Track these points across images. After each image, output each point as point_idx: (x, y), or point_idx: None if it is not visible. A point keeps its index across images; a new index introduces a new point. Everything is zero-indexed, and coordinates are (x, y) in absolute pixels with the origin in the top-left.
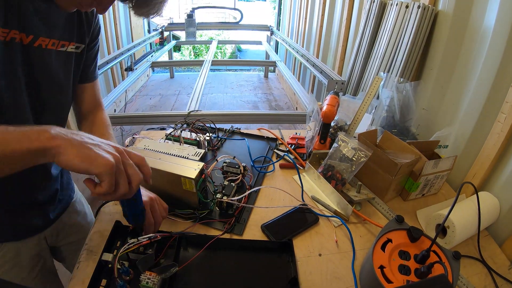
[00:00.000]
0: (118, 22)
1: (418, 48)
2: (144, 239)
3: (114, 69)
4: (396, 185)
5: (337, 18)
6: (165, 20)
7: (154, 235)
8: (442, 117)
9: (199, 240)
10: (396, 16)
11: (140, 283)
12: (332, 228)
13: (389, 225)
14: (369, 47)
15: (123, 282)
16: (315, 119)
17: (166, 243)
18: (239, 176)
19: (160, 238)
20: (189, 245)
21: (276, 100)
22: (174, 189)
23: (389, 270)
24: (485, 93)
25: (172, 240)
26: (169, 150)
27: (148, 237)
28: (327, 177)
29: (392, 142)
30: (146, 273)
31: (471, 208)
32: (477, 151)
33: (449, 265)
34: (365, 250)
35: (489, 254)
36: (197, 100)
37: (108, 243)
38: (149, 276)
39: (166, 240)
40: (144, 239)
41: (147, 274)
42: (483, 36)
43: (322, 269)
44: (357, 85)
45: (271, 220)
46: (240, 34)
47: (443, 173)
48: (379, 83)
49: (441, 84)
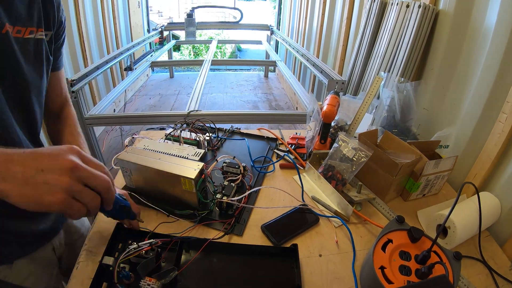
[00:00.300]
0: (117, 22)
1: (419, 48)
2: (145, 245)
3: (113, 69)
4: (397, 185)
5: (337, 18)
6: (165, 20)
7: (155, 241)
8: (443, 117)
9: (201, 244)
10: (397, 16)
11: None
12: (332, 229)
13: (390, 226)
14: (369, 46)
15: (123, 286)
16: (316, 119)
17: (167, 247)
18: (239, 176)
19: (161, 244)
20: (191, 248)
21: (276, 100)
22: (174, 190)
23: (390, 271)
24: (486, 93)
25: (172, 244)
26: (169, 150)
27: (149, 243)
28: (327, 177)
29: (393, 142)
30: (146, 279)
31: (472, 209)
32: (478, 151)
33: (450, 266)
34: (366, 250)
35: (490, 254)
36: (197, 100)
37: (109, 246)
38: (149, 282)
39: (167, 244)
40: (145, 245)
41: (146, 280)
42: (484, 36)
43: (322, 269)
44: (358, 85)
45: (271, 220)
46: (240, 33)
47: (444, 173)
48: (379, 83)
49: (442, 84)
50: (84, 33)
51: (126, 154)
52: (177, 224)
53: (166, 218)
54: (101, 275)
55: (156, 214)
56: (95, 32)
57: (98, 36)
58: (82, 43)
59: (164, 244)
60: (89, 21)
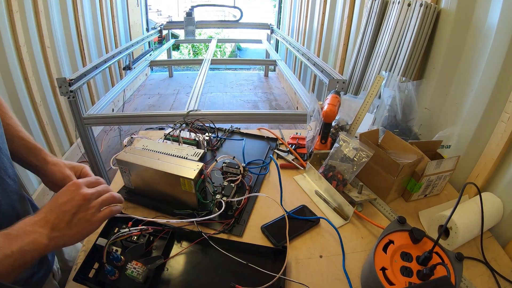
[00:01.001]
0: (116, 21)
1: (421, 47)
2: (136, 230)
3: (112, 68)
4: (398, 185)
5: (338, 16)
6: (164, 19)
7: (145, 228)
8: (444, 116)
9: (193, 236)
10: (398, 14)
11: (126, 271)
12: (333, 230)
13: (391, 226)
14: (370, 45)
15: (111, 267)
16: (316, 118)
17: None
18: (239, 177)
19: (152, 231)
20: (183, 240)
21: (276, 100)
22: (173, 190)
23: (391, 272)
24: (488, 93)
25: (163, 233)
26: (168, 150)
27: (139, 229)
28: (328, 177)
29: (394, 142)
30: (133, 262)
31: (474, 209)
32: (480, 151)
33: (452, 267)
34: (367, 251)
35: (492, 255)
36: (196, 99)
37: (105, 229)
38: (135, 265)
39: (159, 233)
40: (136, 230)
41: (133, 263)
42: (486, 35)
43: (323, 271)
44: (359, 84)
45: (271, 221)
46: (240, 32)
47: (446, 173)
48: (380, 82)
49: (443, 83)
50: (82, 32)
51: (125, 154)
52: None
53: (166, 216)
54: (95, 255)
55: (155, 214)
56: (93, 31)
57: (97, 35)
58: (80, 42)
59: (156, 232)
60: (87, 20)
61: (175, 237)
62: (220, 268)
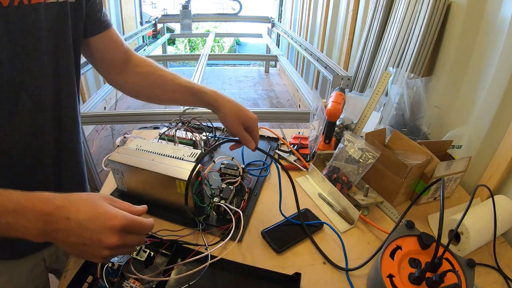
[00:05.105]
0: (108, 13)
1: (430, 42)
2: None
3: None
4: (406, 188)
5: (343, 9)
6: (159, 12)
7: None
8: (455, 115)
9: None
10: (406, 7)
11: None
12: (337, 235)
13: (399, 231)
14: (377, 40)
15: (105, 284)
16: (320, 117)
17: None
18: (238, 179)
19: (150, 244)
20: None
21: (277, 97)
22: (168, 193)
23: (399, 279)
24: (502, 89)
25: (165, 248)
26: (163, 151)
27: None
28: (332, 179)
29: (402, 142)
30: (130, 280)
31: (487, 213)
32: (493, 152)
33: (463, 274)
34: (373, 258)
35: (506, 262)
36: None
37: None
38: (132, 284)
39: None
40: None
41: (130, 281)
42: (499, 28)
43: (327, 278)
44: (364, 81)
45: (272, 225)
46: (239, 26)
47: (457, 175)
48: (387, 79)
49: (454, 80)
50: None
51: (117, 155)
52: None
53: (161, 219)
54: (89, 267)
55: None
56: None
57: None
58: None
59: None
60: None
61: (178, 254)
62: None
